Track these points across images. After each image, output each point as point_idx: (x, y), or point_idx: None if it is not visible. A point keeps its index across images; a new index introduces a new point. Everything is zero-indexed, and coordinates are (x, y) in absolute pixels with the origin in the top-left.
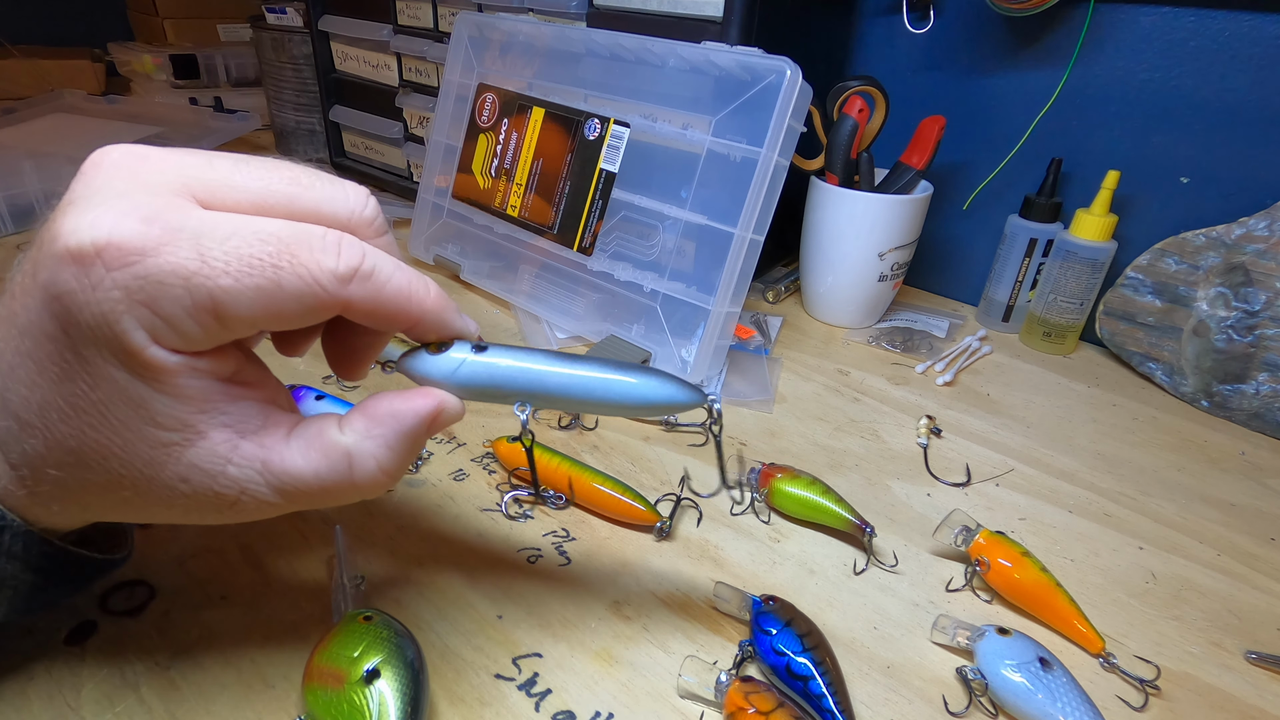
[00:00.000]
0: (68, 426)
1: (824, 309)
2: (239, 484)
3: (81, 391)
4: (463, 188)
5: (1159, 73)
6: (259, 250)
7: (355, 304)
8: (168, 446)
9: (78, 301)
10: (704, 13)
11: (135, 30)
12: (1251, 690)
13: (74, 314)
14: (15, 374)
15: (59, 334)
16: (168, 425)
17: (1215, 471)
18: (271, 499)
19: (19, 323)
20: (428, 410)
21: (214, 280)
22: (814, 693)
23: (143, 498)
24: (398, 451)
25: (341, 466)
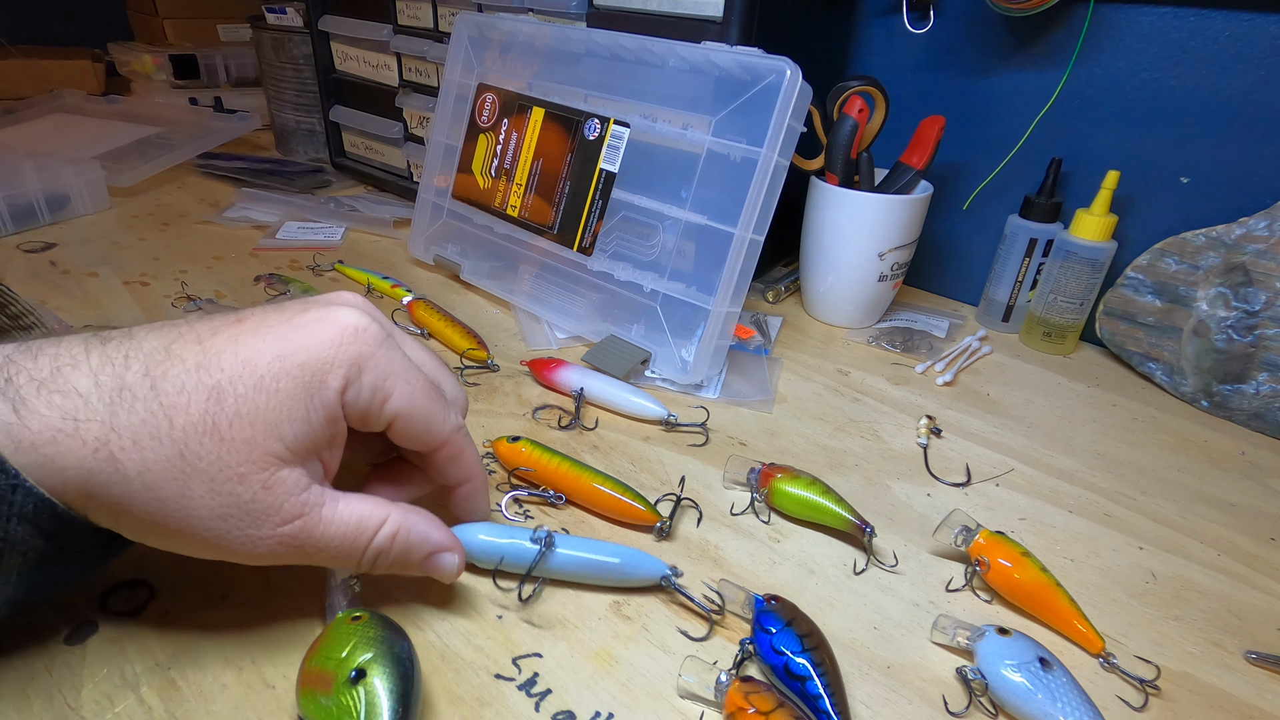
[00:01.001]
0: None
1: (824, 309)
2: (301, 509)
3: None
4: (463, 188)
5: (1159, 73)
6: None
7: (451, 447)
8: (277, 457)
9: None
10: (704, 13)
11: (135, 30)
12: (1251, 690)
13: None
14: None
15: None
16: (290, 443)
17: (1215, 471)
18: (310, 534)
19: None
20: (438, 541)
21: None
22: (811, 693)
23: (196, 493)
24: (396, 550)
25: (369, 520)
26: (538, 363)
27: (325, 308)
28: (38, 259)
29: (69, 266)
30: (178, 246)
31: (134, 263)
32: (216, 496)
